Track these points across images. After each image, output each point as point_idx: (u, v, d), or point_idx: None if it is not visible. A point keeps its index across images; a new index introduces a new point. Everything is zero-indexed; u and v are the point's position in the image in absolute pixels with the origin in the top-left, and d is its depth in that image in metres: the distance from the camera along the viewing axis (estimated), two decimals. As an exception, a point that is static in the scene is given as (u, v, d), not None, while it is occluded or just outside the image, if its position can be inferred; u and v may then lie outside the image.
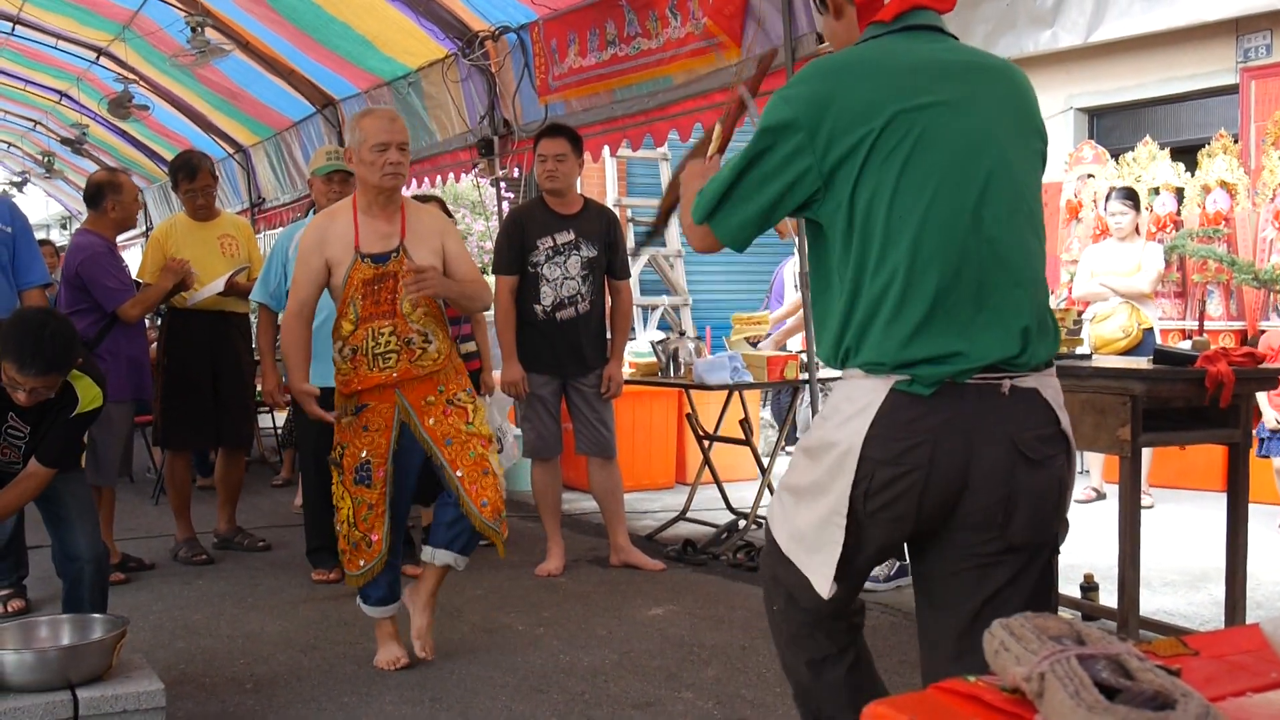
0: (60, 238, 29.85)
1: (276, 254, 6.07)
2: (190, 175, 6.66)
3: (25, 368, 3.93)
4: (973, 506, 2.39)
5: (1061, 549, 2.59)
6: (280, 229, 10.00)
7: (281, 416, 9.49)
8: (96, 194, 6.33)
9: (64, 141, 16.34)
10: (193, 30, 9.45)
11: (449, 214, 7.70)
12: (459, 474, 4.43)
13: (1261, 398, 6.93)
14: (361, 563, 4.51)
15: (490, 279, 6.38)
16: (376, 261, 4.38)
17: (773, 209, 2.49)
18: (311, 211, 6.24)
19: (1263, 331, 7.86)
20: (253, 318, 6.78)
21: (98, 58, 12.50)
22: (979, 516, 2.40)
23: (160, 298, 6.45)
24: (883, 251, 2.37)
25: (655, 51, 6.92)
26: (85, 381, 4.27)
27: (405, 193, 4.97)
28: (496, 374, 7.14)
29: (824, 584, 2.46)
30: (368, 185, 4.44)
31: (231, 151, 13.93)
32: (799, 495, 2.54)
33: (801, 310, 7.23)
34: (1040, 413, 2.44)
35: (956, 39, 2.66)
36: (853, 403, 2.41)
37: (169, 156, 15.60)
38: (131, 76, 12.42)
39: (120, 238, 7.01)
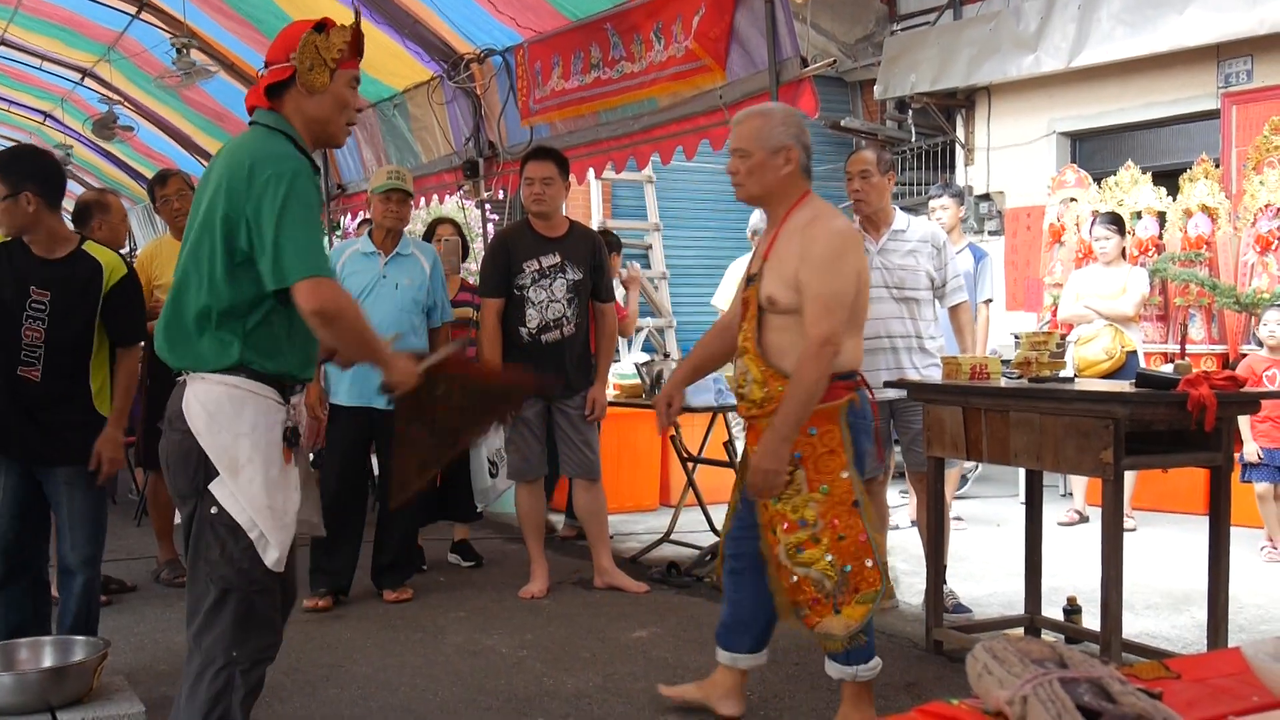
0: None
1: None
2: (161, 181, 6.76)
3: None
4: None
5: (1045, 571, 2.60)
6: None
7: None
8: (84, 213, 6.32)
9: (48, 162, 16.28)
10: (178, 51, 9.44)
11: (462, 236, 7.75)
12: None
13: (1245, 427, 6.96)
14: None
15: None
16: None
17: None
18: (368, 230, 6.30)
19: (1244, 355, 7.90)
20: None
21: (82, 79, 12.49)
22: None
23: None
24: None
25: (638, 75, 6.94)
26: (103, 250, 4.40)
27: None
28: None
29: None
30: None
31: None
32: None
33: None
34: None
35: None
36: None
37: (153, 178, 15.63)
38: (116, 97, 12.40)
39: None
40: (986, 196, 12.83)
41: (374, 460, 6.64)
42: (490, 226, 10.56)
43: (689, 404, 6.56)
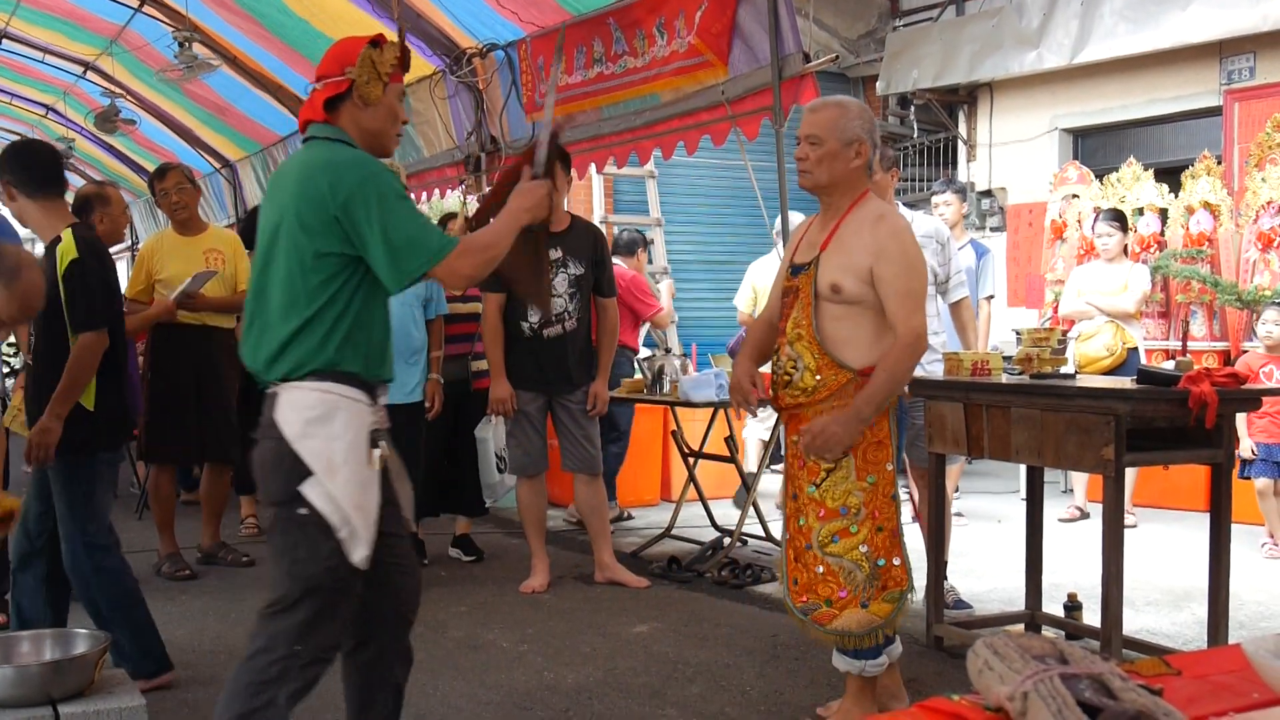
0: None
1: None
2: (161, 175, 6.77)
3: None
4: None
5: (1046, 568, 2.62)
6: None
7: None
8: (84, 206, 6.31)
9: (50, 155, 16.29)
10: (180, 45, 9.43)
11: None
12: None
13: (1241, 423, 6.96)
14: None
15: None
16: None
17: None
18: None
19: (1245, 352, 7.89)
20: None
21: (85, 72, 12.49)
22: None
23: (143, 325, 6.48)
24: None
25: (641, 70, 6.94)
26: (65, 233, 4.35)
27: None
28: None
29: None
30: None
31: (218, 166, 13.92)
32: None
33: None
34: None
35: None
36: None
37: (155, 171, 15.63)
38: (118, 91, 12.41)
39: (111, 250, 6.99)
40: (988, 193, 12.83)
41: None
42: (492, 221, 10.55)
43: (690, 399, 6.56)
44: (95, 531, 4.41)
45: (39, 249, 4.65)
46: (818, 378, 3.86)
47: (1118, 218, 8.06)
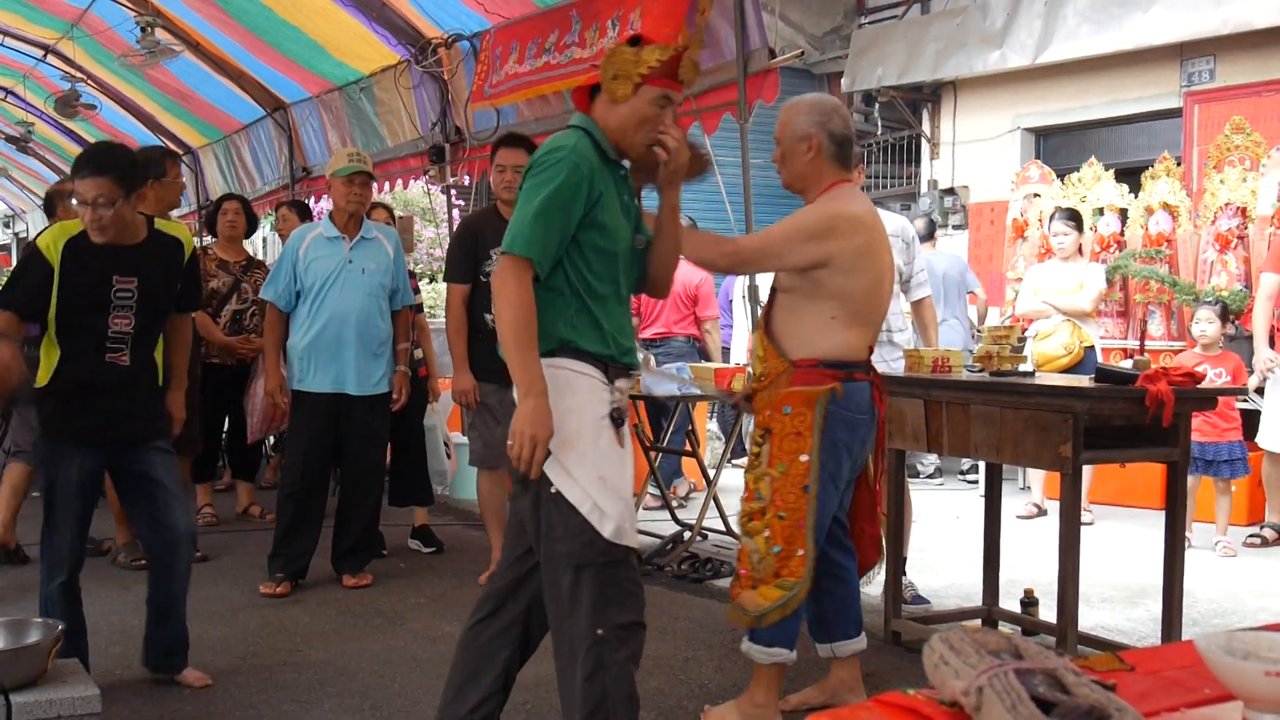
0: (2, 236, 29.41)
1: (286, 255, 6.08)
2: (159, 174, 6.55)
3: (80, 169, 4.00)
4: None
5: (1003, 564, 2.67)
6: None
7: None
8: (51, 203, 6.29)
9: (9, 139, 16.12)
10: (142, 30, 9.35)
11: (393, 220, 7.72)
12: None
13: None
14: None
15: (441, 286, 6.37)
16: None
17: None
18: (327, 216, 6.22)
19: (1179, 352, 7.96)
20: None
21: (45, 55, 12.35)
22: None
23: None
24: None
25: (586, 60, 6.92)
26: (175, 224, 4.37)
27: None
28: (443, 380, 7.14)
29: None
30: None
31: (180, 153, 13.80)
32: None
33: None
34: None
35: None
36: None
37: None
38: (79, 75, 12.27)
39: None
40: (951, 191, 12.90)
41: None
42: (456, 212, 10.52)
43: (651, 393, 6.57)
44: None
45: None
46: (764, 365, 3.97)
47: (1073, 217, 8.11)
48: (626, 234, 3.28)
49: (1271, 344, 7.14)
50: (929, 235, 9.73)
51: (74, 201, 4.13)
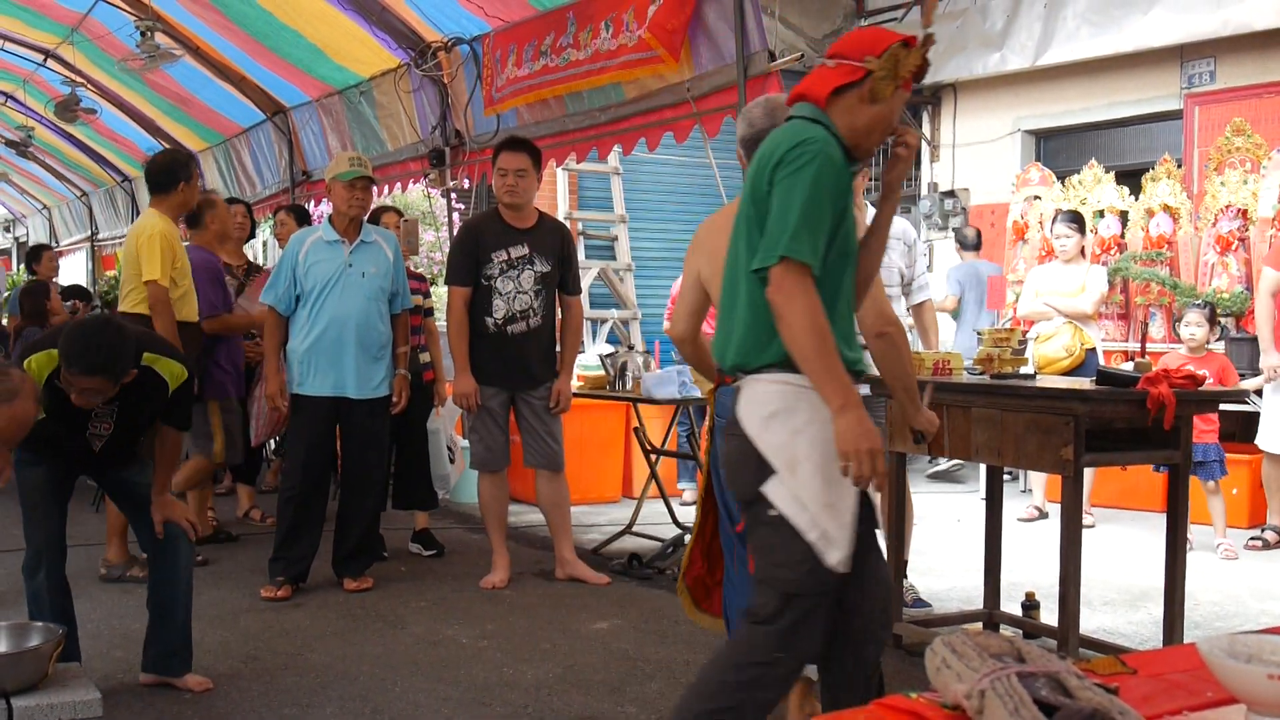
0: (2, 240, 29.36)
1: (286, 259, 6.07)
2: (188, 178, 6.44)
3: (71, 365, 4.00)
4: None
5: (1004, 567, 2.66)
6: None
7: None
8: (196, 213, 6.55)
9: (9, 144, 16.14)
10: (142, 35, 9.35)
11: (404, 222, 7.71)
12: None
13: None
14: None
15: (443, 289, 6.37)
16: None
17: None
18: (328, 220, 6.19)
19: (1164, 354, 7.94)
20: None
21: (45, 60, 12.36)
22: None
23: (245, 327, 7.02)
24: None
25: (584, 62, 6.93)
26: (165, 362, 4.34)
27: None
28: (449, 385, 7.13)
29: None
30: None
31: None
32: None
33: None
34: None
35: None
36: None
37: (116, 161, 15.47)
38: (79, 80, 12.28)
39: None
40: (951, 193, 12.88)
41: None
42: (456, 216, 10.52)
43: (652, 395, 6.56)
44: None
45: None
46: None
47: (1075, 219, 8.11)
48: (856, 237, 3.13)
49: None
50: (976, 244, 10.45)
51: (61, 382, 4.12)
